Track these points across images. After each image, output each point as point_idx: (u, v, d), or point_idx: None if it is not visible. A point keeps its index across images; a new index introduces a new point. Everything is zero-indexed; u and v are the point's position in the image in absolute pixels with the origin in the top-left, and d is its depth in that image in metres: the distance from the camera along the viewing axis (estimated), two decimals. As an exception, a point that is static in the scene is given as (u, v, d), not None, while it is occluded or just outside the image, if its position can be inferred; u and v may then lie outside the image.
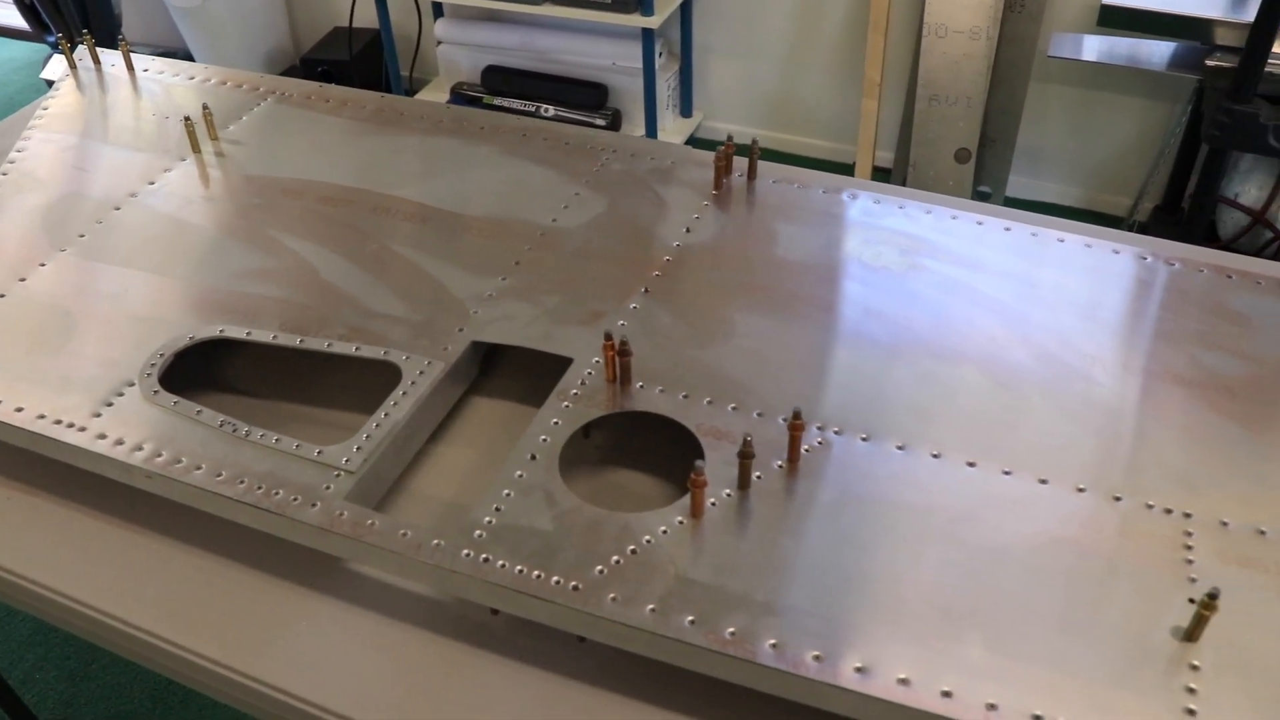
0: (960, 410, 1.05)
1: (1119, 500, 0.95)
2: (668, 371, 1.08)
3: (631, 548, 0.90)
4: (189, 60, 2.53)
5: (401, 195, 1.39)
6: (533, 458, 0.99)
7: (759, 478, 0.96)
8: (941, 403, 1.05)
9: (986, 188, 3.18)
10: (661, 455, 1.06)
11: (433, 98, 3.67)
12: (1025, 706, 0.79)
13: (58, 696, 2.05)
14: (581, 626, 0.87)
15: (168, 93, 1.66)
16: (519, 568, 0.89)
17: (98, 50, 1.72)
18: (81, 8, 3.39)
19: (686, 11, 3.40)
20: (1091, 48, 2.77)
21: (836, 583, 0.87)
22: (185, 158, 1.48)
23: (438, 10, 3.64)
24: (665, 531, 0.91)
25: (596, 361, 1.08)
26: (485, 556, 0.90)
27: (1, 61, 4.50)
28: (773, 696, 0.83)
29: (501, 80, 3.56)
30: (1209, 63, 2.50)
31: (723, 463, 0.96)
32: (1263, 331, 1.15)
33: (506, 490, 0.96)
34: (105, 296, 1.23)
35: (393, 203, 1.37)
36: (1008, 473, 0.98)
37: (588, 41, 3.39)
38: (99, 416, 1.07)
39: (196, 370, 1.17)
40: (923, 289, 1.20)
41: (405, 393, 1.07)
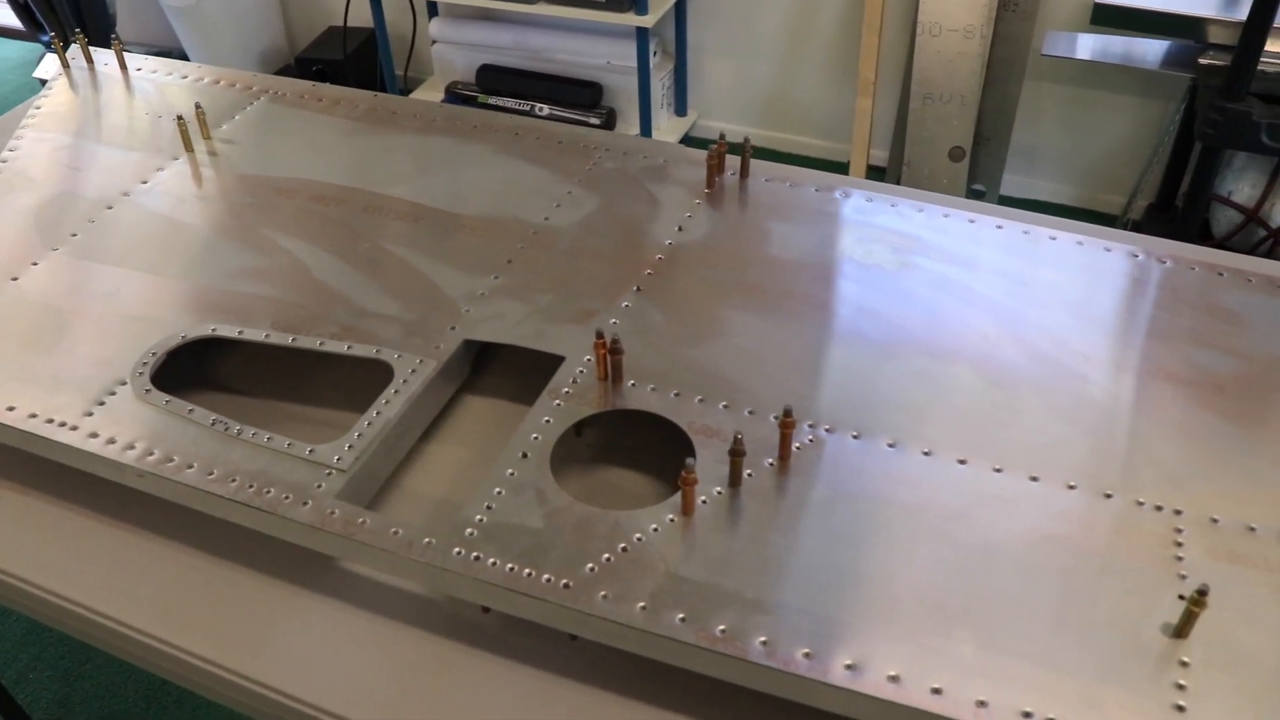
0: (951, 408, 1.05)
1: (1110, 497, 0.95)
2: (659, 370, 1.08)
3: (622, 545, 0.90)
4: (184, 60, 2.52)
5: (394, 194, 1.39)
6: (524, 456, 0.99)
7: (750, 475, 0.96)
8: (933, 400, 1.06)
9: (981, 186, 3.18)
10: (653, 453, 1.06)
11: (427, 97, 3.67)
12: (1015, 703, 0.79)
13: (52, 696, 2.05)
14: (572, 624, 0.87)
15: (161, 92, 1.66)
16: (510, 566, 0.89)
17: (91, 49, 1.72)
18: (76, 7, 3.38)
19: (681, 10, 3.40)
20: (1085, 46, 2.78)
21: (827, 580, 0.88)
22: (178, 157, 1.48)
23: (432, 9, 3.64)
24: (656, 529, 0.91)
25: (588, 360, 1.08)
26: (476, 555, 0.90)
27: (-5, 61, 4.50)
28: (764, 694, 0.83)
29: (496, 79, 3.55)
30: (1202, 61, 2.50)
31: (714, 461, 0.96)
32: (1253, 329, 1.15)
33: (498, 488, 0.96)
34: (98, 295, 1.23)
35: (385, 201, 1.37)
36: (999, 470, 0.98)
37: (582, 40, 3.39)
38: (91, 415, 1.07)
39: (189, 369, 1.17)
40: (914, 287, 1.20)
41: (397, 391, 1.07)
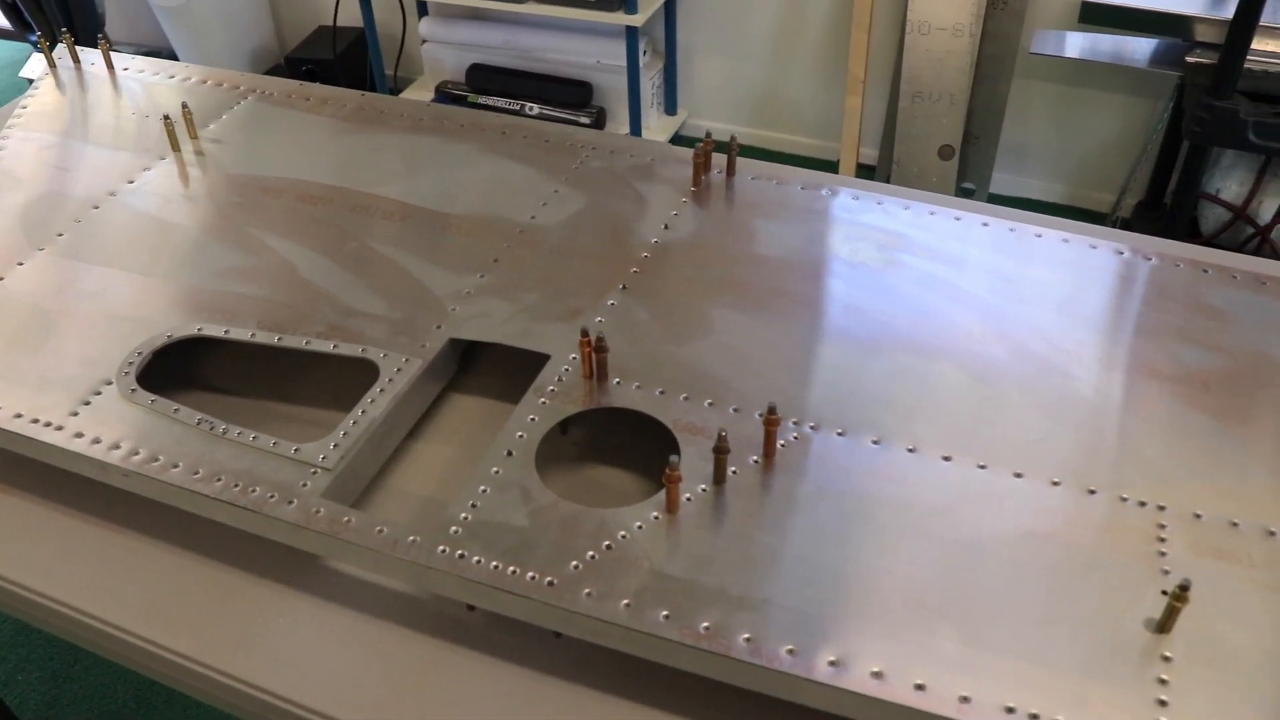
0: (936, 405, 1.05)
1: (1093, 493, 0.96)
2: (645, 368, 1.08)
3: (607, 543, 0.90)
4: (173, 60, 2.52)
5: (381, 193, 1.38)
6: (509, 454, 0.99)
7: (734, 473, 0.96)
8: (918, 397, 1.06)
9: (970, 184, 3.19)
10: (638, 451, 1.06)
11: (417, 96, 3.67)
12: (998, 699, 0.79)
13: (40, 698, 2.04)
14: (556, 622, 0.87)
15: (148, 91, 1.65)
16: (494, 564, 0.89)
17: (77, 49, 1.72)
18: (64, 7, 3.37)
19: (670, 9, 3.40)
20: (1074, 44, 2.78)
21: (811, 577, 0.88)
22: (165, 156, 1.48)
23: (422, 9, 3.64)
24: (641, 527, 0.91)
25: (573, 358, 1.08)
26: (461, 553, 0.90)
27: (-16, 61, 4.49)
28: (749, 691, 0.84)
29: (486, 79, 3.55)
30: (1189, 59, 2.51)
31: (699, 458, 0.97)
32: (1238, 325, 1.15)
33: (483, 486, 0.96)
34: (84, 295, 1.23)
35: (372, 201, 1.37)
36: (983, 467, 0.98)
37: (572, 40, 3.39)
38: (76, 415, 1.07)
39: (175, 369, 1.17)
40: (900, 285, 1.21)
41: (383, 390, 1.07)
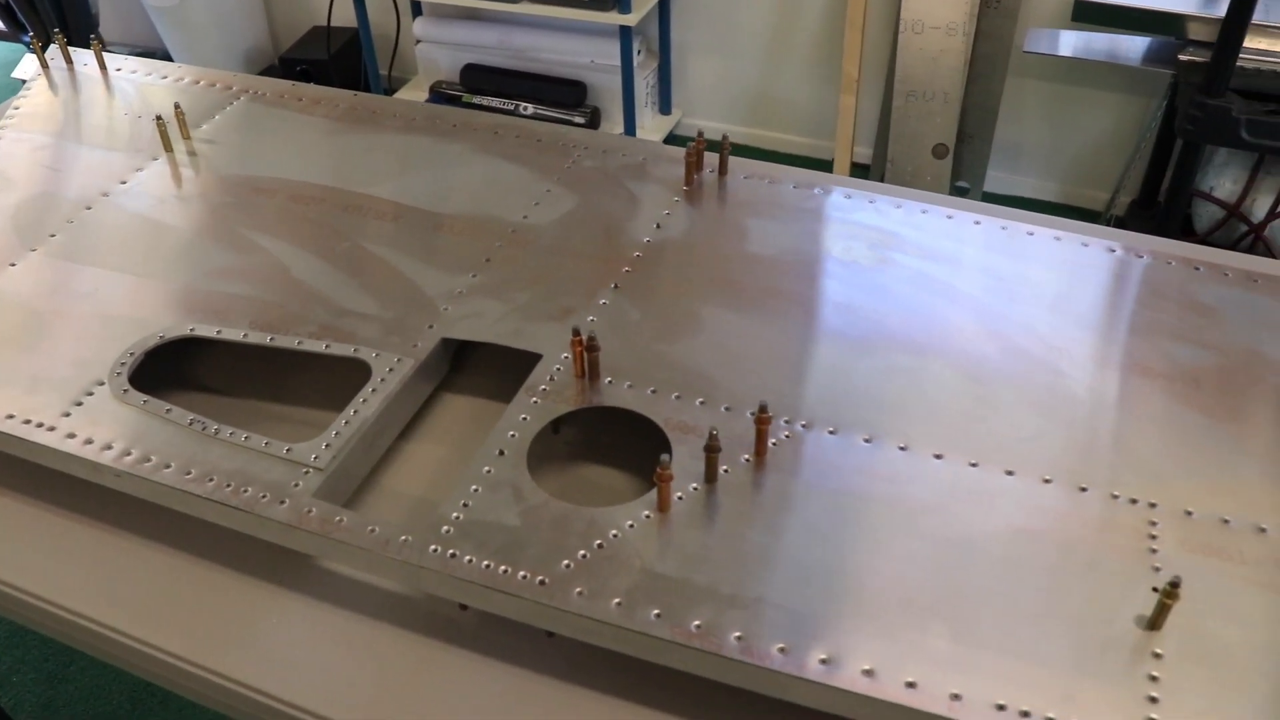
0: (928, 403, 1.05)
1: (1085, 491, 0.96)
2: (636, 367, 1.08)
3: (598, 542, 0.90)
4: (168, 60, 2.52)
5: (373, 193, 1.38)
6: (501, 453, 0.99)
7: (726, 471, 0.96)
8: (909, 396, 1.06)
9: (965, 183, 3.19)
10: (630, 450, 1.06)
11: (412, 97, 3.66)
12: (989, 696, 0.79)
13: (35, 699, 2.04)
14: (548, 621, 0.87)
15: (140, 92, 1.65)
16: (486, 563, 0.89)
17: (70, 50, 1.72)
18: (58, 7, 3.37)
19: (665, 9, 3.40)
20: (1067, 43, 2.79)
21: (802, 575, 0.88)
22: (157, 157, 1.48)
23: (416, 9, 3.64)
24: (632, 526, 0.91)
25: (565, 357, 1.08)
26: (452, 552, 0.90)
27: (-24, 61, 4.48)
28: (741, 690, 0.84)
29: (481, 79, 3.55)
30: (1182, 57, 2.51)
31: (690, 457, 0.97)
32: (1229, 323, 1.16)
33: (474, 486, 0.96)
34: (76, 296, 1.23)
35: (364, 201, 1.37)
36: (975, 465, 0.98)
37: (566, 39, 3.39)
38: (68, 416, 1.07)
39: (168, 369, 1.17)
40: (892, 283, 1.21)
41: (375, 390, 1.07)
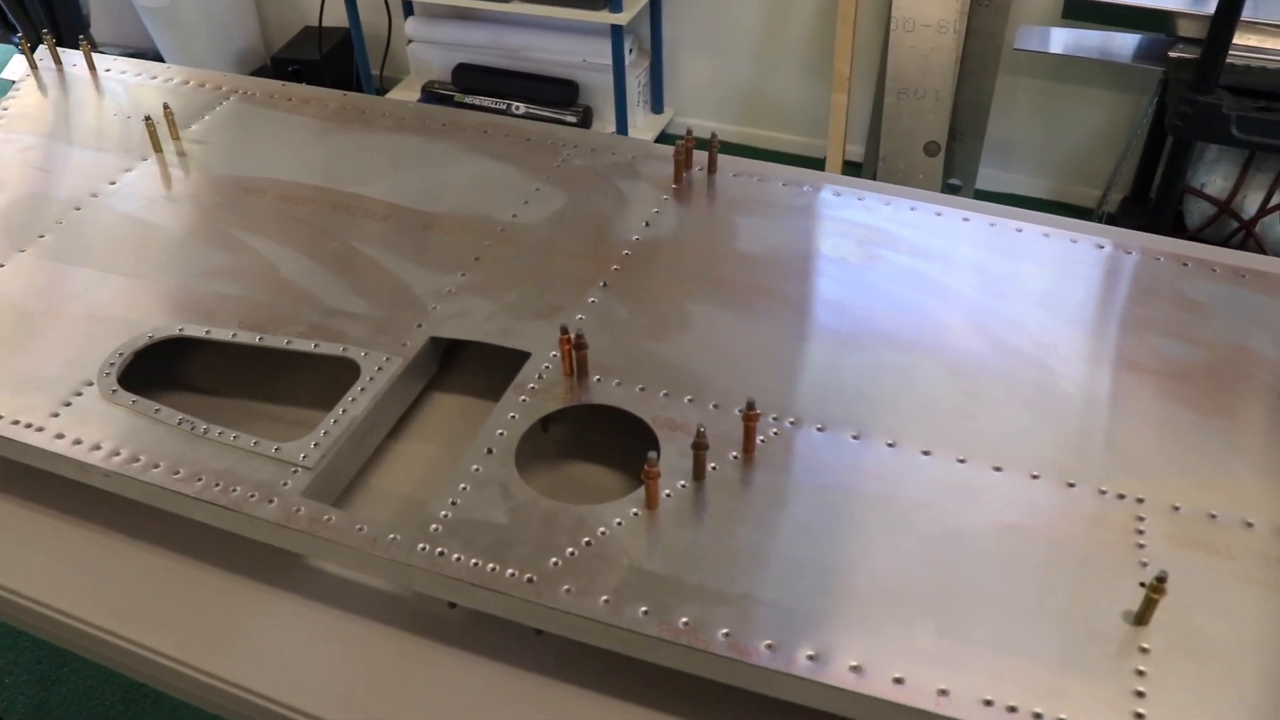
0: (916, 399, 1.05)
1: (1073, 487, 0.96)
2: (624, 364, 1.08)
3: (586, 540, 0.90)
4: (159, 61, 2.51)
5: (362, 193, 1.38)
6: (489, 452, 0.99)
7: (714, 469, 0.96)
8: (897, 392, 1.06)
9: (957, 180, 3.19)
10: (618, 448, 1.06)
11: (404, 96, 3.66)
12: (976, 692, 0.79)
13: (28, 701, 2.03)
14: (536, 618, 0.87)
15: (130, 92, 1.65)
16: (474, 561, 0.89)
17: (59, 50, 1.72)
18: (48, 8, 3.36)
19: (656, 8, 3.40)
20: (1058, 40, 2.79)
21: (790, 572, 0.88)
22: (147, 157, 1.48)
23: (408, 8, 3.63)
24: (620, 523, 0.92)
25: (554, 355, 1.08)
26: (441, 550, 0.90)
27: (-34, 62, 4.47)
28: (730, 686, 0.84)
29: (473, 78, 3.55)
30: (1172, 54, 2.52)
31: (678, 454, 0.97)
32: (1217, 318, 1.16)
33: (463, 484, 0.96)
34: (65, 296, 1.23)
35: (354, 200, 1.37)
36: (963, 461, 0.98)
37: (558, 39, 3.39)
38: (57, 416, 1.07)
39: (158, 369, 1.17)
40: (881, 280, 1.21)
41: (363, 389, 1.07)
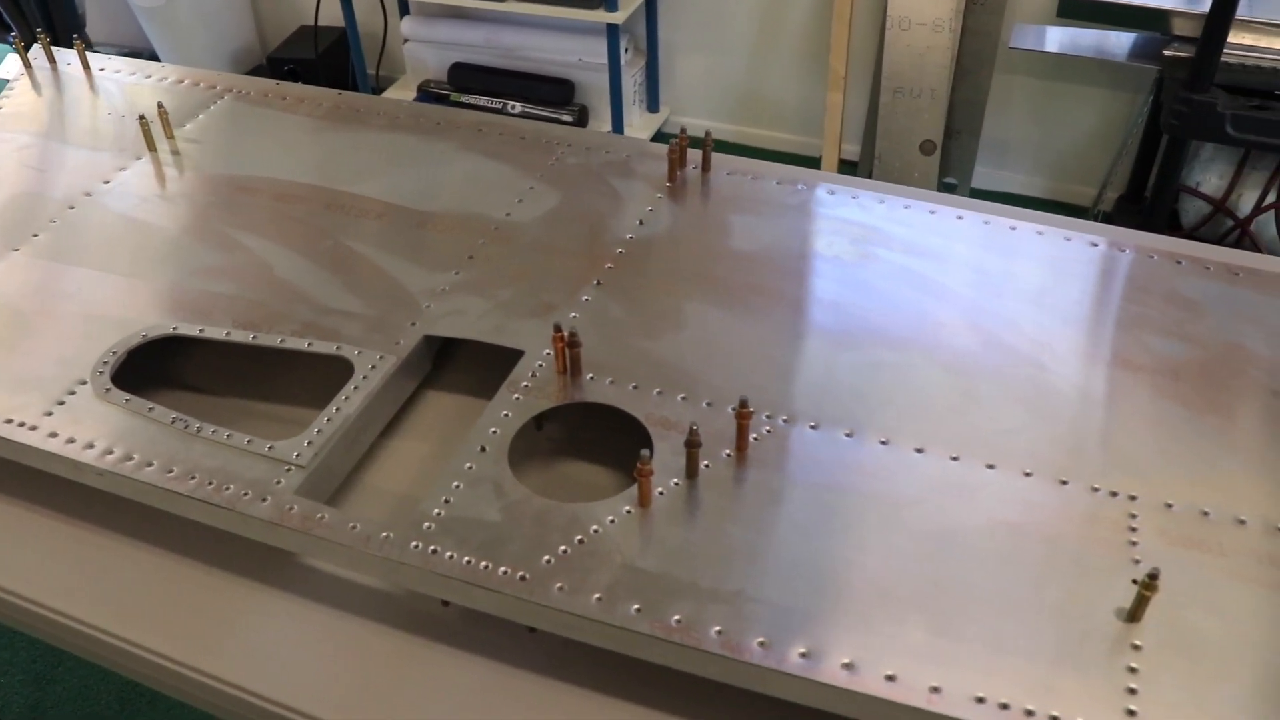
0: (909, 397, 1.05)
1: (1065, 484, 0.96)
2: (618, 363, 1.08)
3: (579, 538, 0.90)
4: (155, 60, 2.51)
5: (357, 191, 1.38)
6: (482, 450, 0.99)
7: (707, 467, 0.96)
8: (890, 390, 1.06)
9: (952, 179, 3.19)
10: (611, 446, 1.06)
11: (400, 96, 3.66)
12: (968, 689, 0.79)
13: (24, 701, 2.03)
14: (529, 616, 0.87)
15: (124, 92, 1.65)
16: (467, 559, 0.89)
17: (54, 49, 1.71)
18: (43, 7, 3.35)
19: (651, 7, 3.40)
20: (1053, 39, 2.79)
21: (783, 570, 0.88)
22: (141, 157, 1.48)
23: (404, 8, 3.63)
24: (613, 521, 0.92)
25: (547, 354, 1.08)
26: (434, 548, 0.90)
27: (-37, 62, 4.46)
28: (723, 684, 0.84)
29: (468, 77, 3.54)
30: (1167, 53, 2.52)
31: (671, 452, 0.97)
32: (1210, 316, 1.16)
33: (456, 482, 0.96)
34: (59, 295, 1.23)
35: (348, 199, 1.37)
36: (956, 459, 0.99)
37: (553, 38, 3.39)
38: (51, 415, 1.07)
39: (152, 368, 1.17)
40: (874, 278, 1.21)
41: (357, 387, 1.07)
